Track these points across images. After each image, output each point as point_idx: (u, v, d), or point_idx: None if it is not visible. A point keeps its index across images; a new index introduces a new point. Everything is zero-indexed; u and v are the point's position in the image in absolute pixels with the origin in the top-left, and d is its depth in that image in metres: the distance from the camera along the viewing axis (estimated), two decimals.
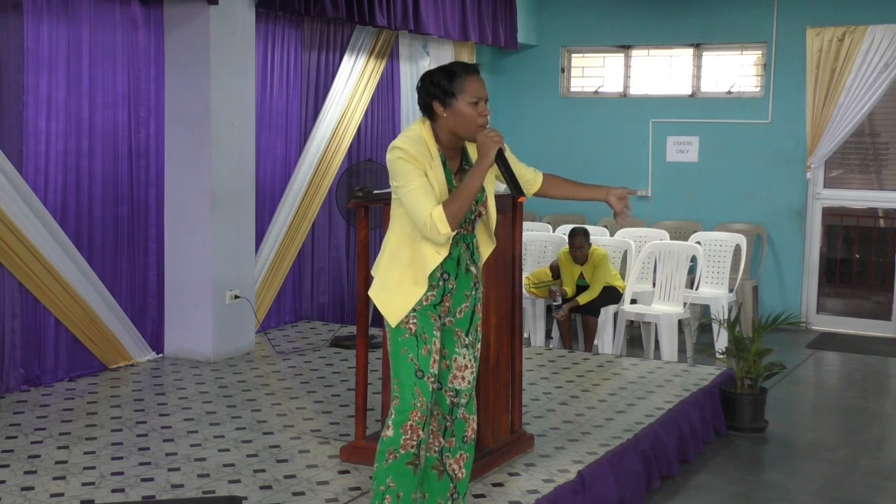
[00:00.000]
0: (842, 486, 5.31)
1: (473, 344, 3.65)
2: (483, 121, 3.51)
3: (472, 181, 3.42)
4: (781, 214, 9.50)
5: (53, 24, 5.87)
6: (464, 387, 3.62)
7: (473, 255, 3.65)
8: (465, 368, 3.61)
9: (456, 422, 3.63)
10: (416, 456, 3.45)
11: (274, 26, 7.34)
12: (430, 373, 3.47)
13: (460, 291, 3.60)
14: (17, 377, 5.77)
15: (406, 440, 3.43)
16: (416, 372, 3.45)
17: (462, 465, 3.66)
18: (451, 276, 3.55)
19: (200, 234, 6.53)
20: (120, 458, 4.62)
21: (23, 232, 5.65)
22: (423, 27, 8.20)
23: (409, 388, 3.44)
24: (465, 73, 3.51)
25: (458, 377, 3.60)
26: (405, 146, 3.45)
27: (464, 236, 3.60)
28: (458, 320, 3.61)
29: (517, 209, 4.72)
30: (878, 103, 9.03)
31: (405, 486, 3.45)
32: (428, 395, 3.46)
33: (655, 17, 9.95)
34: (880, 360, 8.26)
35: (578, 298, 7.63)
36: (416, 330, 3.48)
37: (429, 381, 3.47)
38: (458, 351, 3.60)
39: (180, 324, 6.65)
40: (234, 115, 6.63)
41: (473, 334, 3.65)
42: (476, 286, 3.66)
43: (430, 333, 3.48)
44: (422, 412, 3.45)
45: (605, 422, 5.33)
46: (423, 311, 3.49)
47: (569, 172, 10.68)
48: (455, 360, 3.61)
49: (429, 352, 3.47)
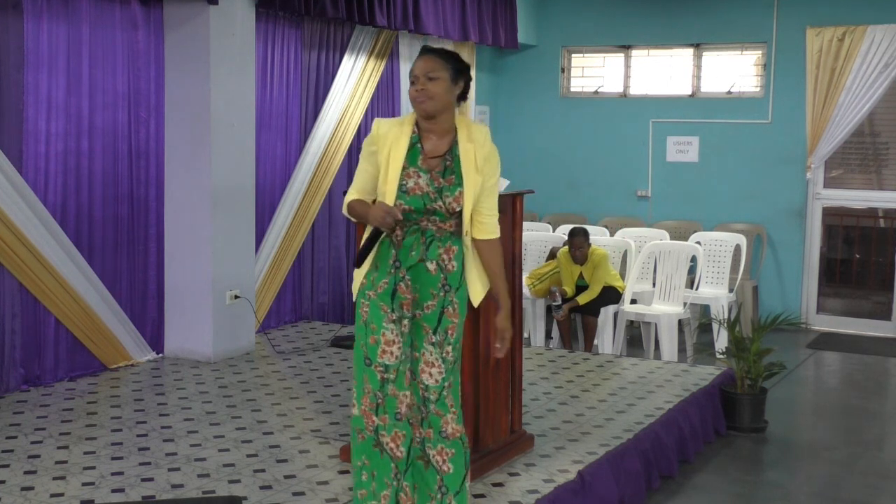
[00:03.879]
0: (842, 486, 5.31)
1: (441, 344, 3.58)
2: (414, 94, 3.52)
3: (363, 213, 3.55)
4: (781, 214, 9.50)
5: (53, 24, 5.87)
6: (431, 383, 3.58)
7: (430, 250, 3.55)
8: (431, 365, 3.58)
9: (430, 415, 3.60)
10: (377, 441, 3.56)
11: (274, 26, 7.34)
12: (378, 362, 3.53)
13: (424, 288, 3.55)
14: (17, 377, 5.77)
15: (366, 423, 3.57)
16: (364, 359, 3.56)
17: (447, 459, 3.60)
18: (403, 265, 3.54)
19: (200, 234, 6.53)
20: (120, 458, 4.62)
21: (23, 232, 5.65)
22: (423, 27, 8.21)
23: (360, 375, 3.57)
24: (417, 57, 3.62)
25: (426, 372, 3.59)
26: (377, 124, 3.61)
27: (422, 229, 3.54)
28: (425, 315, 3.58)
29: (517, 209, 4.71)
30: (878, 103, 9.04)
31: (377, 465, 3.58)
32: (375, 383, 3.53)
33: (655, 17, 9.96)
34: (880, 360, 8.26)
35: (578, 298, 7.63)
36: (366, 318, 3.56)
37: (376, 370, 3.53)
38: (425, 346, 3.58)
39: (180, 324, 6.65)
40: (234, 115, 6.63)
41: (442, 334, 3.58)
42: (445, 289, 3.57)
43: (379, 325, 3.53)
44: (370, 398, 3.54)
45: (605, 422, 5.33)
46: (375, 301, 3.55)
47: (569, 172, 10.78)
48: (423, 355, 3.59)
49: (376, 342, 3.53)
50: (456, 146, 3.57)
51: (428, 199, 3.51)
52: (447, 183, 3.53)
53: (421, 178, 3.53)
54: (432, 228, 3.55)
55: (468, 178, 3.53)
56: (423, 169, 3.53)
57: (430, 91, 3.49)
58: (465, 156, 3.55)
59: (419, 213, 3.52)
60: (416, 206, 3.51)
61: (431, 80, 3.49)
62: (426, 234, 3.54)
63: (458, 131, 3.59)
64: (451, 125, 3.59)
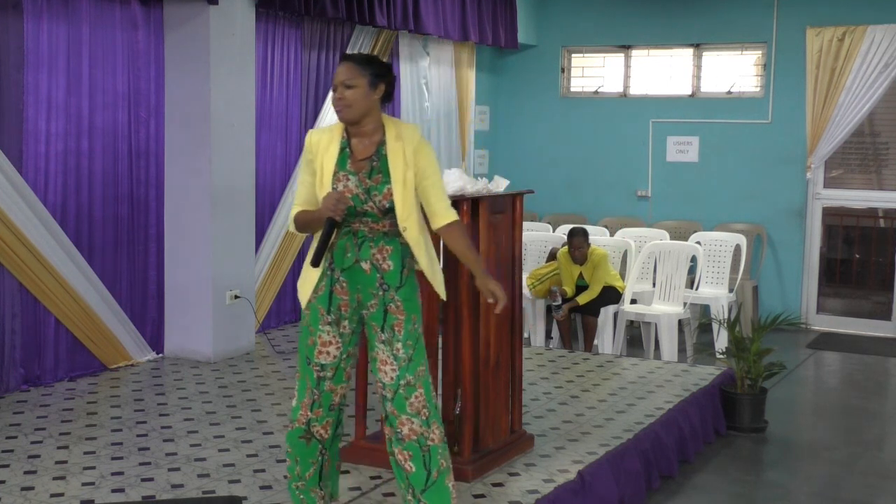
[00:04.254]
0: (842, 486, 5.31)
1: (390, 342, 3.62)
2: (334, 102, 3.60)
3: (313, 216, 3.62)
4: (781, 214, 9.50)
5: (53, 24, 5.87)
6: (387, 381, 3.63)
7: (363, 251, 3.62)
8: (385, 363, 3.63)
9: (388, 415, 3.66)
10: (307, 432, 3.70)
11: (274, 26, 7.34)
12: (316, 362, 3.67)
13: (364, 289, 3.63)
14: (17, 377, 5.77)
15: (300, 415, 3.70)
16: (306, 358, 3.69)
17: (407, 459, 3.64)
18: (337, 267, 3.64)
19: (200, 234, 6.53)
20: (120, 458, 4.62)
21: (23, 232, 5.65)
22: (423, 27, 8.21)
23: (303, 372, 3.70)
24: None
25: (381, 370, 3.65)
26: (309, 136, 3.71)
27: (354, 231, 3.62)
28: (371, 314, 3.65)
29: (517, 209, 4.71)
30: (878, 103, 9.04)
31: (300, 454, 3.73)
32: (313, 380, 3.68)
33: (655, 17, 9.96)
34: (880, 360, 8.26)
35: (578, 298, 7.63)
36: (307, 321, 3.69)
37: (313, 369, 3.67)
38: (377, 346, 3.66)
39: (180, 324, 6.65)
40: (234, 115, 6.63)
41: (389, 332, 3.62)
42: (384, 288, 3.62)
43: (316, 326, 3.66)
44: (309, 395, 3.68)
45: (605, 422, 5.33)
46: (313, 304, 3.67)
47: (569, 172, 10.77)
48: (377, 354, 3.66)
49: (314, 343, 3.67)
50: (383, 146, 3.63)
51: (358, 201, 3.58)
52: (374, 182, 3.58)
53: (350, 180, 3.59)
54: (364, 230, 3.62)
55: (396, 173, 3.59)
56: (352, 171, 3.61)
57: (347, 99, 3.57)
58: (393, 153, 3.61)
59: (351, 216, 3.59)
60: (350, 210, 3.58)
61: (349, 88, 3.56)
62: (358, 235, 3.62)
63: (387, 131, 3.64)
64: (376, 127, 3.65)
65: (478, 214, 4.39)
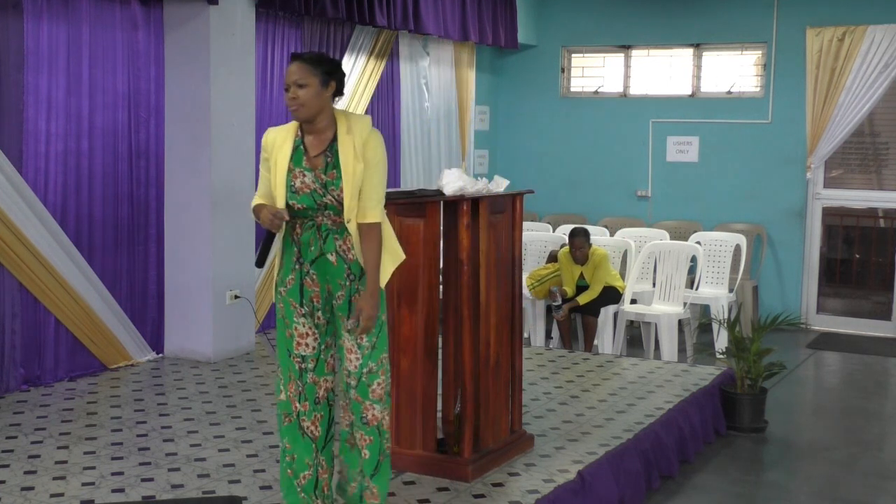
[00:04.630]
0: (842, 486, 5.31)
1: (354, 330, 3.71)
2: (288, 102, 3.68)
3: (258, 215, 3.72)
4: (781, 214, 9.50)
5: (53, 24, 5.87)
6: (352, 369, 3.73)
7: (327, 243, 3.70)
8: (350, 352, 3.73)
9: (351, 402, 3.75)
10: (299, 426, 3.78)
11: (274, 26, 7.34)
12: (296, 353, 3.77)
13: (333, 280, 3.72)
14: (17, 377, 5.77)
15: (293, 408, 3.79)
16: (286, 350, 3.79)
17: (365, 444, 3.76)
18: (306, 260, 3.72)
19: (200, 234, 6.53)
20: (120, 458, 4.62)
21: (23, 232, 5.65)
22: (423, 27, 8.21)
23: (284, 363, 3.80)
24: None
25: (348, 358, 3.74)
26: (267, 132, 3.79)
27: (317, 224, 3.70)
28: (338, 305, 3.74)
29: (517, 209, 4.71)
30: (878, 103, 9.04)
31: (298, 450, 3.78)
32: (296, 372, 3.78)
33: (655, 17, 9.96)
34: (880, 360, 8.26)
35: (578, 298, 7.63)
36: (283, 313, 3.79)
37: (294, 360, 3.77)
38: (344, 335, 3.75)
39: (180, 324, 6.65)
40: (234, 115, 6.63)
41: (355, 321, 3.70)
42: (351, 278, 3.72)
43: (291, 319, 3.76)
44: (294, 386, 3.78)
45: (605, 422, 5.33)
46: (285, 298, 3.77)
47: (569, 172, 10.77)
48: (344, 343, 3.75)
49: (291, 335, 3.77)
50: (335, 141, 3.71)
51: (317, 195, 3.66)
52: (330, 178, 3.66)
53: (306, 176, 3.67)
54: (327, 222, 3.70)
55: (347, 168, 3.65)
56: (308, 168, 3.69)
57: (300, 98, 3.64)
58: (344, 147, 3.68)
59: (313, 210, 3.68)
60: (308, 204, 3.67)
61: (301, 88, 3.64)
62: (322, 228, 3.70)
63: (339, 126, 3.72)
64: (329, 123, 3.72)
65: (478, 214, 4.39)
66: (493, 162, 10.58)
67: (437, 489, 4.27)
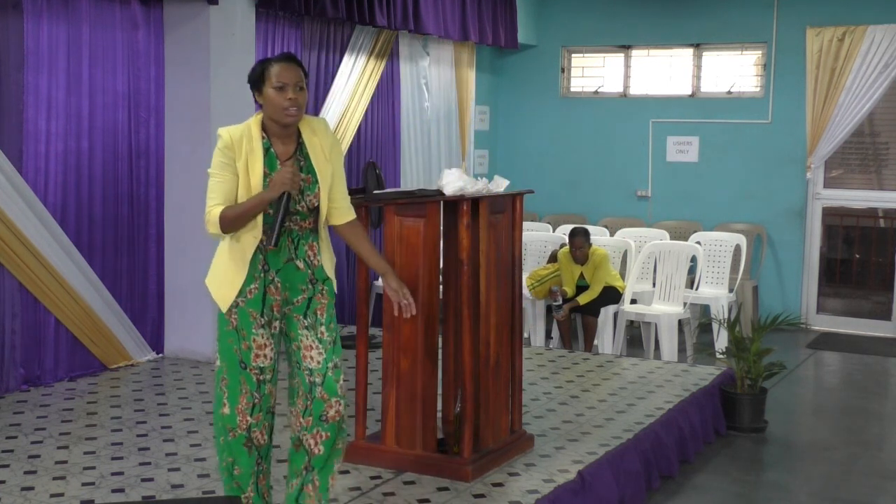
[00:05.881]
0: (842, 486, 5.31)
1: (314, 326, 3.64)
2: (287, 104, 3.51)
3: (254, 202, 3.50)
4: (781, 214, 9.50)
5: (53, 24, 5.87)
6: (314, 367, 3.64)
7: (299, 250, 3.62)
8: (310, 348, 3.64)
9: (314, 401, 3.64)
10: (248, 438, 3.66)
11: (274, 26, 7.34)
12: (254, 366, 3.62)
13: (294, 285, 3.63)
14: (17, 377, 5.77)
15: (240, 421, 3.63)
16: (239, 363, 3.62)
17: (319, 441, 3.67)
18: (272, 268, 3.60)
19: (200, 234, 6.48)
20: (120, 458, 4.62)
21: (23, 232, 5.65)
22: (423, 27, 8.21)
23: (237, 376, 3.63)
24: (275, 61, 3.59)
25: (307, 357, 3.64)
26: (225, 133, 3.56)
27: (291, 231, 3.59)
28: (295, 307, 3.65)
29: (517, 209, 4.71)
30: (878, 103, 9.04)
31: (243, 463, 3.68)
32: (252, 384, 3.63)
33: (655, 17, 9.96)
34: (880, 360, 8.26)
35: (578, 298, 7.63)
36: (236, 324, 3.61)
37: (252, 372, 3.63)
38: (300, 333, 3.65)
39: (180, 324, 6.65)
40: (234, 115, 6.60)
41: (312, 317, 3.64)
42: (313, 282, 3.65)
43: (249, 331, 3.60)
44: (247, 399, 3.63)
45: (605, 422, 5.33)
46: (243, 309, 3.59)
47: (569, 172, 10.76)
48: (301, 341, 3.65)
49: (248, 347, 3.61)
50: (303, 144, 3.63)
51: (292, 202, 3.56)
52: (306, 182, 3.58)
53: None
54: (295, 228, 3.61)
55: (321, 172, 3.61)
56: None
57: (299, 101, 3.54)
58: (314, 150, 3.62)
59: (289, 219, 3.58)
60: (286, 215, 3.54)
61: (301, 90, 3.56)
62: (292, 234, 3.60)
63: (302, 128, 3.64)
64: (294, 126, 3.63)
65: (478, 214, 4.39)
66: (493, 162, 10.58)
67: (437, 489, 4.27)
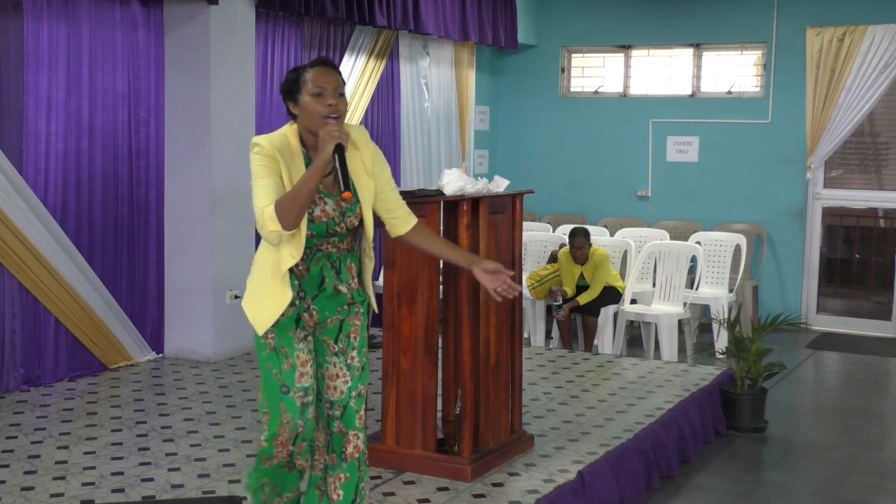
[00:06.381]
0: (842, 486, 5.31)
1: (345, 351, 3.37)
2: (327, 110, 3.21)
3: (306, 178, 3.14)
4: (781, 214, 9.50)
5: (53, 24, 5.87)
6: (336, 398, 3.37)
7: (342, 275, 3.34)
8: (336, 378, 3.37)
9: (333, 436, 3.39)
10: (290, 462, 3.38)
11: (274, 26, 7.34)
12: (297, 387, 3.30)
13: (331, 309, 3.34)
14: (17, 377, 5.77)
15: (278, 452, 3.34)
16: (280, 388, 3.30)
17: (338, 486, 3.39)
18: (308, 295, 3.30)
19: (200, 234, 6.53)
20: (120, 458, 4.62)
21: (23, 232, 5.65)
22: (423, 27, 8.21)
23: (276, 405, 3.31)
24: (310, 66, 3.30)
25: (330, 387, 3.37)
26: (263, 142, 3.25)
27: (329, 255, 3.31)
28: (326, 330, 3.37)
29: (517, 209, 4.71)
30: (878, 103, 9.04)
31: (282, 482, 3.43)
32: (295, 411, 3.30)
33: (655, 17, 9.96)
34: (880, 360, 8.26)
35: (578, 298, 7.63)
36: (274, 344, 3.31)
37: (295, 395, 3.30)
38: (328, 360, 3.38)
39: (180, 324, 6.65)
40: (234, 115, 6.63)
41: (344, 340, 3.37)
42: (349, 303, 3.38)
43: (290, 346, 3.30)
44: (290, 429, 3.30)
45: (605, 422, 5.33)
46: (280, 326, 3.29)
47: (569, 172, 10.76)
48: (327, 370, 3.38)
49: (291, 366, 3.30)
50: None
51: (332, 224, 3.29)
52: (348, 204, 3.30)
53: (327, 204, 3.28)
54: (334, 252, 3.33)
55: (362, 192, 3.34)
56: (327, 193, 3.29)
57: (341, 109, 3.26)
58: (354, 166, 3.33)
59: (320, 238, 3.29)
60: (319, 232, 3.27)
61: (341, 97, 3.27)
62: (331, 258, 3.33)
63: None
64: None
65: (478, 214, 4.39)
66: (493, 162, 10.58)
67: (437, 489, 4.27)
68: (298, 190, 3.14)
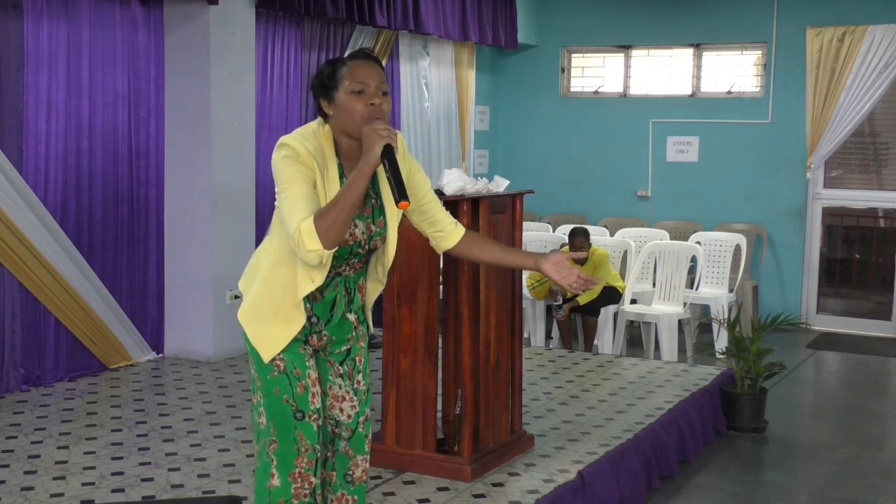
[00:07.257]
0: (842, 486, 5.31)
1: (350, 374, 3.09)
2: (368, 110, 2.83)
3: (352, 185, 2.74)
4: (781, 214, 9.50)
5: (53, 24, 5.87)
6: (343, 419, 3.10)
7: (353, 301, 3.05)
8: (342, 400, 3.09)
9: (337, 455, 3.12)
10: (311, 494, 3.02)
11: (274, 26, 7.34)
12: (311, 410, 2.98)
13: (340, 335, 3.07)
14: (17, 377, 5.77)
15: (297, 489, 2.97)
16: (294, 414, 2.96)
17: None
18: (321, 320, 3.00)
19: (200, 234, 6.53)
20: (120, 458, 4.62)
21: (23, 232, 5.65)
22: (423, 27, 8.21)
23: (290, 433, 2.96)
24: (350, 60, 2.91)
25: (335, 407, 3.09)
26: (295, 144, 2.83)
27: (346, 278, 3.00)
28: (331, 353, 3.09)
29: (517, 209, 4.71)
30: (878, 103, 9.04)
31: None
32: (313, 436, 2.98)
33: (655, 17, 9.96)
34: (880, 360, 8.26)
35: (578, 298, 7.63)
36: (284, 367, 2.97)
37: (311, 419, 2.98)
38: (332, 380, 3.09)
39: (180, 324, 6.65)
40: (234, 115, 6.63)
41: (350, 364, 3.10)
42: (356, 330, 3.10)
43: (302, 366, 2.98)
44: (308, 457, 2.97)
45: (605, 422, 5.33)
46: (289, 347, 2.97)
47: (569, 172, 10.75)
48: (331, 389, 3.09)
49: (305, 388, 2.97)
50: (376, 176, 2.95)
51: (357, 246, 2.95)
52: (377, 227, 2.97)
53: (357, 227, 2.93)
54: (350, 273, 3.01)
55: (391, 217, 3.00)
56: (359, 215, 2.93)
57: (385, 110, 2.87)
58: (385, 184, 2.96)
59: (340, 260, 2.94)
60: (341, 254, 2.92)
61: (385, 96, 2.88)
62: (347, 281, 3.01)
63: None
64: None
65: (478, 214, 4.39)
66: (493, 162, 10.58)
67: (437, 489, 4.27)
68: (343, 200, 2.73)
